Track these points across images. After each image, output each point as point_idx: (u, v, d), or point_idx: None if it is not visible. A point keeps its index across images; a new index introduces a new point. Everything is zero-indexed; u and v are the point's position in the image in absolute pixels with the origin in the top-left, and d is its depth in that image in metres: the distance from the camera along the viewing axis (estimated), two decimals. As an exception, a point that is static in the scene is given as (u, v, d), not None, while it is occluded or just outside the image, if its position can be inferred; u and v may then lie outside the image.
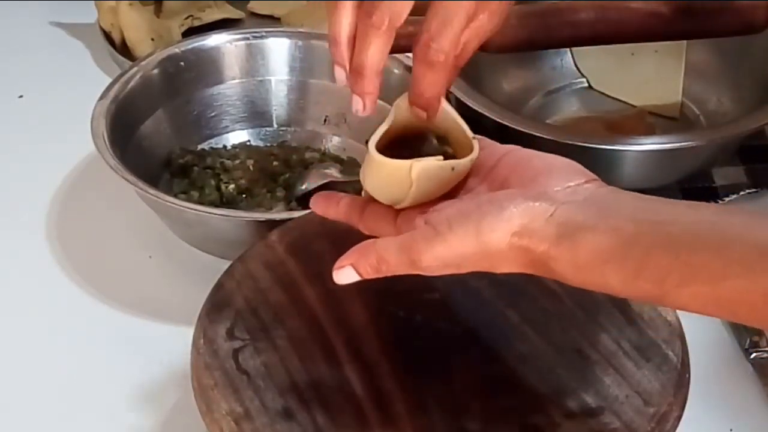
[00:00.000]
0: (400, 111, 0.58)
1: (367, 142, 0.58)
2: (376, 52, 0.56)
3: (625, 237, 0.49)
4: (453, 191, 0.57)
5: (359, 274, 0.55)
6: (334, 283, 0.57)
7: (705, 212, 0.50)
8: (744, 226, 0.47)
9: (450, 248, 0.52)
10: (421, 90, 0.57)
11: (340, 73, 0.58)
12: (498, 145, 0.59)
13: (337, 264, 0.55)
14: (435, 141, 0.58)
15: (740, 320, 0.49)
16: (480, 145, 0.58)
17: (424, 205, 0.56)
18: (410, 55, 0.57)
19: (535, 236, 0.51)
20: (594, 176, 0.54)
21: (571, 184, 0.53)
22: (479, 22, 0.59)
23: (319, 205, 0.62)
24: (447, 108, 0.59)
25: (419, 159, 0.56)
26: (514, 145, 0.58)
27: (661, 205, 0.51)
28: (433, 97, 0.57)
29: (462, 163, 0.57)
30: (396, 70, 0.87)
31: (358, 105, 0.57)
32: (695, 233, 0.48)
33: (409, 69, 0.85)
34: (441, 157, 0.56)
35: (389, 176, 0.57)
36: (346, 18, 0.56)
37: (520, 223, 0.51)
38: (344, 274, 0.55)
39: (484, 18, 0.59)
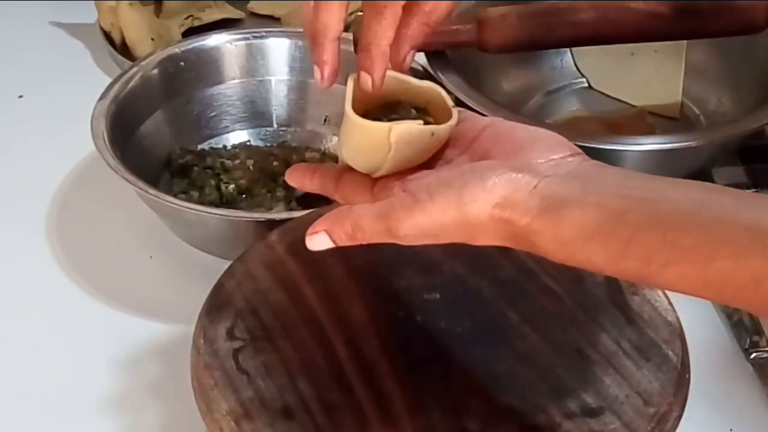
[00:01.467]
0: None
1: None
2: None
3: (611, 213, 0.48)
4: (431, 161, 0.56)
5: (333, 241, 0.54)
6: (334, 284, 0.57)
7: (693, 190, 0.49)
8: (733, 206, 0.47)
9: (429, 217, 0.51)
10: (367, 41, 0.56)
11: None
12: (479, 117, 0.58)
13: (311, 230, 0.54)
14: (413, 111, 0.57)
15: (727, 302, 0.48)
16: (461, 117, 0.57)
17: (402, 173, 0.55)
18: None
19: (518, 208, 0.50)
20: (578, 150, 0.53)
21: (555, 156, 0.52)
22: None
23: (295, 178, 0.61)
24: (425, 83, 0.58)
25: (399, 122, 0.55)
26: (496, 117, 0.58)
27: (647, 181, 0.50)
28: (378, 55, 0.56)
29: (442, 129, 0.55)
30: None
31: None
32: (683, 211, 0.47)
33: (409, 69, 0.85)
34: (421, 122, 0.55)
35: (367, 140, 0.55)
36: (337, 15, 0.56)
37: (502, 194, 0.50)
38: (317, 240, 0.54)
39: None
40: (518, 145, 0.53)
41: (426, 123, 0.56)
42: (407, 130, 0.55)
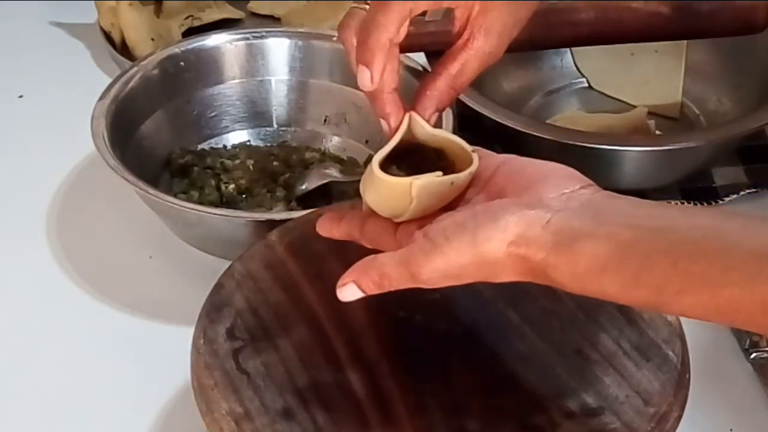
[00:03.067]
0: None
1: (366, 142, 0.58)
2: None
3: (622, 244, 0.49)
4: (453, 203, 0.58)
5: (362, 290, 0.55)
6: (334, 284, 0.57)
7: (702, 217, 0.49)
8: (741, 232, 0.47)
9: (448, 260, 0.52)
10: (367, 32, 0.57)
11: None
12: (494, 155, 0.59)
13: (340, 281, 0.56)
14: (433, 154, 0.59)
15: (739, 326, 0.49)
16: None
17: (425, 217, 0.57)
18: (411, 55, 0.58)
19: (532, 244, 0.51)
20: (589, 181, 0.54)
21: (566, 190, 0.53)
22: (477, 42, 0.60)
23: (324, 228, 0.63)
24: (443, 134, 0.59)
25: (418, 177, 0.56)
26: (510, 155, 0.58)
27: (657, 210, 0.51)
28: (377, 48, 0.57)
29: (461, 177, 0.57)
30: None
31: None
32: (692, 240, 0.48)
33: (409, 69, 0.86)
34: (440, 173, 0.57)
35: (389, 193, 0.57)
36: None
37: (516, 231, 0.51)
38: (348, 291, 0.56)
39: (481, 39, 0.60)
40: (530, 181, 0.54)
41: (444, 167, 0.57)
42: (427, 183, 0.56)
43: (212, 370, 0.61)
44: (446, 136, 0.59)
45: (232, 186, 0.87)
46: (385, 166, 0.57)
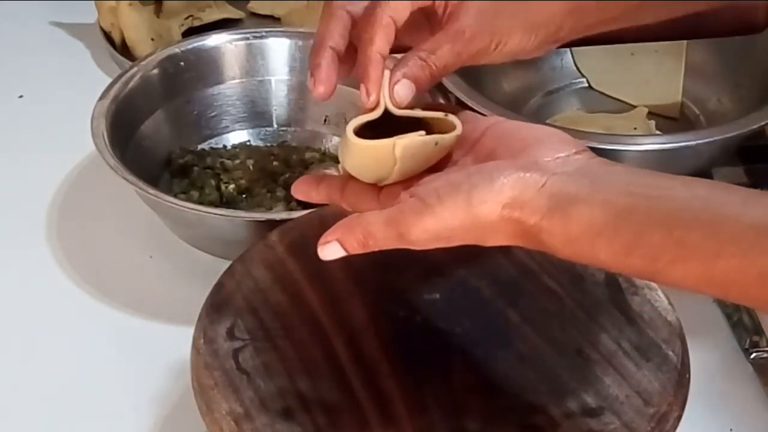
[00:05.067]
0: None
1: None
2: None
3: (618, 211, 0.48)
4: (438, 165, 0.56)
5: (345, 249, 0.54)
6: (334, 284, 0.57)
7: (699, 187, 0.49)
8: (740, 204, 0.47)
9: (440, 221, 0.51)
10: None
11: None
12: (481, 117, 0.58)
13: (322, 239, 0.54)
14: (413, 122, 0.56)
15: (732, 299, 0.48)
16: (463, 119, 0.56)
17: (408, 180, 0.55)
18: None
19: (527, 208, 0.50)
20: (584, 146, 0.53)
21: (562, 154, 0.52)
22: (453, 22, 0.57)
23: (300, 190, 0.61)
24: (414, 111, 0.57)
25: (402, 136, 0.54)
26: (498, 117, 0.58)
27: (654, 179, 0.50)
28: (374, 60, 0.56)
29: (446, 138, 0.55)
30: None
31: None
32: (689, 210, 0.47)
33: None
34: (423, 132, 0.55)
35: (371, 157, 0.55)
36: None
37: (511, 194, 0.50)
38: (329, 250, 0.54)
39: (457, 19, 0.57)
40: (524, 143, 0.53)
41: (428, 131, 0.56)
42: (411, 143, 0.54)
43: (212, 370, 0.61)
44: (423, 113, 0.57)
45: (232, 186, 0.87)
46: (360, 133, 0.55)
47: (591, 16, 0.61)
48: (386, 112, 0.56)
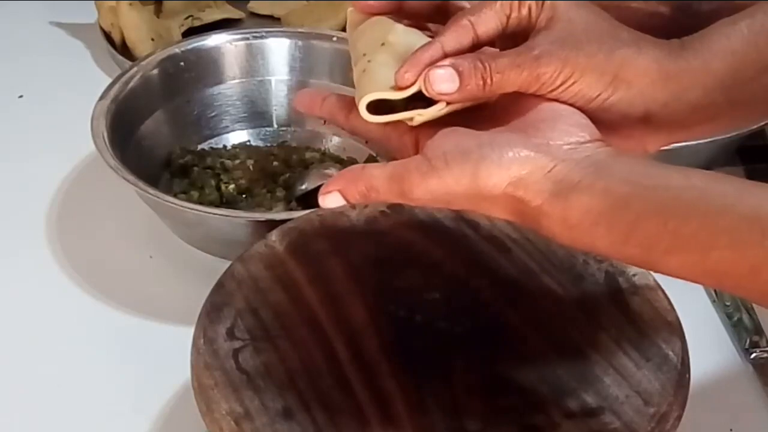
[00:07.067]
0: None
1: (366, 142, 0.56)
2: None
3: (616, 200, 0.49)
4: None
5: (346, 199, 0.54)
6: (334, 284, 0.57)
7: (697, 178, 0.49)
8: (736, 195, 0.47)
9: (444, 185, 0.51)
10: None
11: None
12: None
13: (324, 189, 0.54)
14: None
15: (727, 290, 0.49)
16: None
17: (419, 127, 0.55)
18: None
19: (531, 189, 0.50)
20: (599, 135, 0.53)
21: (573, 140, 0.52)
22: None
23: (304, 103, 0.61)
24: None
25: (421, 112, 0.53)
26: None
27: (654, 169, 0.50)
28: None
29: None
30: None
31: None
32: (686, 200, 0.48)
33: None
34: (443, 105, 0.54)
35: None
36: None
37: (518, 173, 0.51)
38: (331, 199, 0.54)
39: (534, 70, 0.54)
40: (539, 116, 0.53)
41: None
42: (431, 116, 0.54)
43: (212, 370, 0.61)
44: None
45: (232, 186, 0.87)
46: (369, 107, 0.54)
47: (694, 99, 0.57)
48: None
